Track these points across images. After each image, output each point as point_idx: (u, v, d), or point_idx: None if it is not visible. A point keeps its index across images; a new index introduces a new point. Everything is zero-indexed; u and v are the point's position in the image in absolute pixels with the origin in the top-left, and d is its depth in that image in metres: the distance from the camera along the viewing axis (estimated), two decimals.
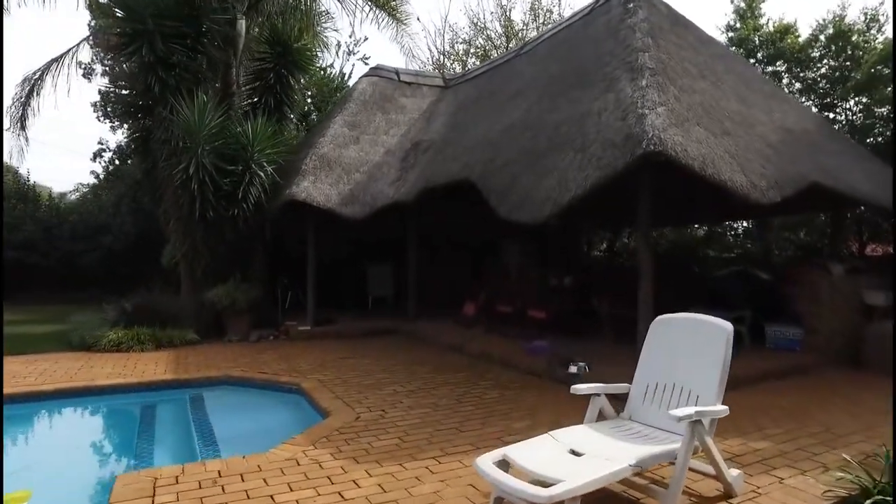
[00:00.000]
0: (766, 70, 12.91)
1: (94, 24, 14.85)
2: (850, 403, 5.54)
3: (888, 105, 10.64)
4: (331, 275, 12.57)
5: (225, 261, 10.27)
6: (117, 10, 9.93)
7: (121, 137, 17.50)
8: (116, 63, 11.77)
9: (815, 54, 12.67)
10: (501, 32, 21.84)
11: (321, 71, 17.14)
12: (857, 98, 11.71)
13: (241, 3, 10.72)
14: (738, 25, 13.91)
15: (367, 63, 18.66)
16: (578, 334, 8.56)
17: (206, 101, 9.63)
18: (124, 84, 11.39)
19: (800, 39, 12.92)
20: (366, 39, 26.32)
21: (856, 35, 11.87)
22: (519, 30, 21.44)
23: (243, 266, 10.62)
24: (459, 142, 9.61)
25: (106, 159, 18.68)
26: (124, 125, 15.22)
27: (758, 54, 13.28)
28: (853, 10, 21.26)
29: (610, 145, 5.97)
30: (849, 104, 12.11)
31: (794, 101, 9.70)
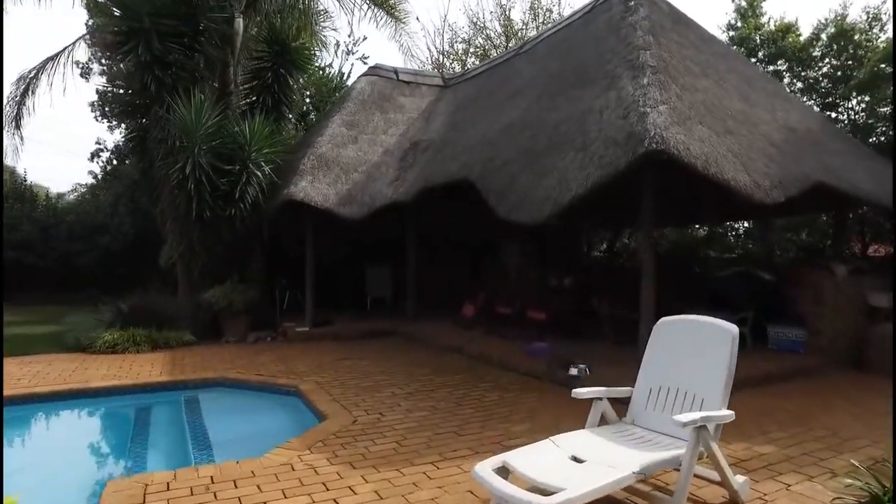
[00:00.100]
0: (768, 69, 12.83)
1: (92, 23, 14.78)
2: (856, 406, 5.46)
3: (890, 104, 10.56)
4: (329, 275, 12.47)
5: (222, 261, 10.19)
6: (114, 9, 9.85)
7: (118, 137, 17.45)
8: (113, 62, 11.68)
9: (817, 53, 12.59)
10: (501, 32, 21.77)
11: (320, 70, 17.06)
12: (860, 97, 11.63)
13: (239, 2, 10.63)
14: (739, 24, 13.84)
15: (366, 62, 18.57)
16: (578, 335, 8.48)
17: (203, 101, 9.54)
18: (121, 83, 11.30)
19: (801, 38, 12.84)
20: (365, 39, 26.29)
21: (858, 34, 11.78)
22: (518, 29, 21.37)
23: (241, 266, 10.55)
24: (458, 141, 9.53)
25: (104, 159, 18.64)
26: (122, 125, 15.19)
27: (759, 53, 13.21)
28: (854, 9, 21.15)
29: (611, 144, 5.88)
30: (851, 103, 12.03)
31: (797, 100, 9.62)
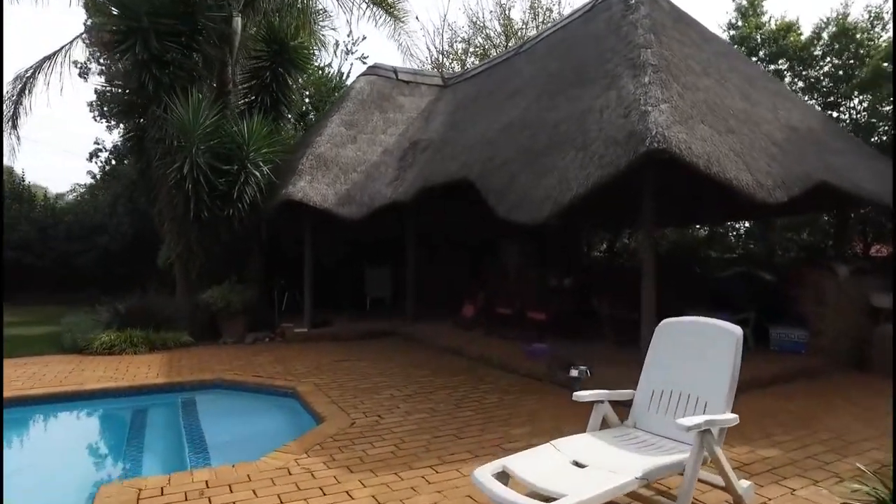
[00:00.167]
0: (768, 68, 12.76)
1: (90, 22, 14.70)
2: (860, 408, 5.39)
3: (892, 103, 10.49)
4: (328, 275, 12.41)
5: (220, 261, 10.13)
6: (112, 8, 9.79)
7: (117, 137, 17.38)
8: (111, 61, 11.61)
9: (818, 52, 12.53)
10: (500, 31, 21.70)
11: (319, 70, 16.98)
12: (862, 96, 11.57)
13: (238, 1, 10.58)
14: (740, 23, 13.77)
15: (366, 62, 18.48)
16: (578, 335, 8.42)
17: (201, 100, 9.48)
18: (119, 83, 11.24)
19: (802, 38, 12.78)
20: (364, 38, 26.23)
21: (859, 33, 11.72)
22: (518, 28, 21.30)
23: (239, 267, 10.49)
24: (458, 141, 9.47)
25: (102, 159, 18.56)
26: (120, 125, 15.12)
27: (760, 52, 13.14)
28: (856, 8, 21.10)
29: (612, 143, 5.81)
30: (853, 102, 11.97)
31: (798, 99, 9.55)
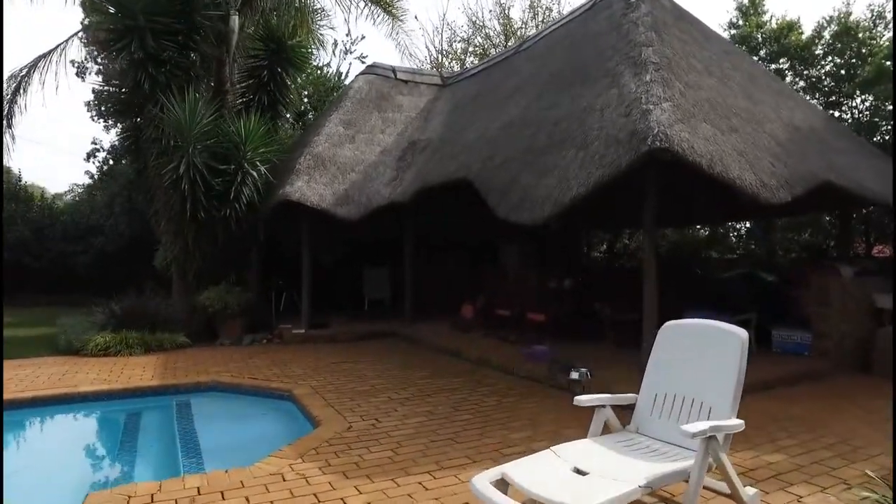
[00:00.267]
0: (769, 68, 12.68)
1: (88, 22, 14.60)
2: (865, 412, 5.30)
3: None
4: (327, 276, 12.32)
5: (217, 262, 10.05)
6: (108, 6, 9.69)
7: (114, 137, 17.27)
8: (108, 60, 11.52)
9: (819, 52, 12.45)
10: (500, 31, 21.61)
11: (318, 70, 16.90)
12: (864, 96, 11.48)
13: (235, 0, 10.49)
14: (741, 22, 13.68)
15: (364, 62, 18.39)
16: (578, 336, 8.34)
17: (198, 99, 9.39)
18: (116, 82, 11.15)
19: (803, 37, 12.69)
20: (363, 38, 26.13)
21: (861, 32, 11.64)
22: (518, 28, 21.20)
23: (237, 267, 10.40)
24: (457, 140, 9.38)
25: (100, 159, 18.45)
26: (118, 124, 15.01)
27: (761, 52, 13.06)
28: (858, 7, 21.02)
29: (613, 142, 5.73)
30: (855, 102, 11.89)
31: (801, 99, 9.46)
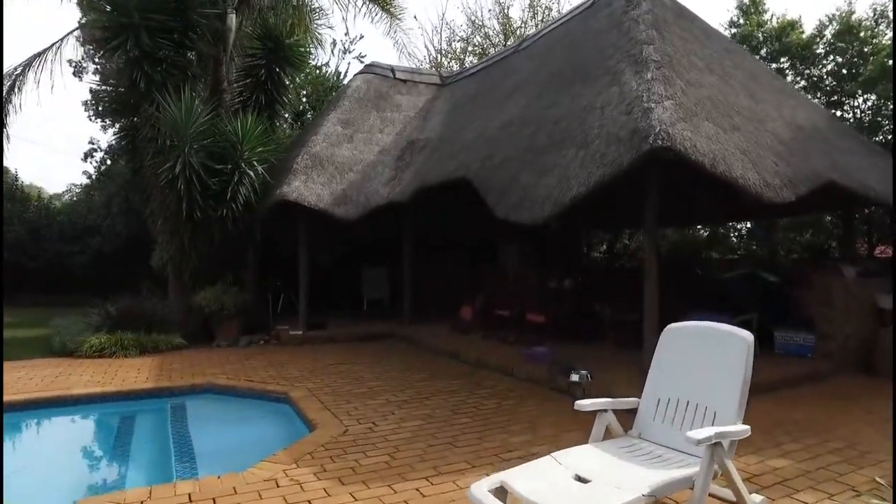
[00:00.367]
0: (770, 67, 12.61)
1: (84, 20, 14.50)
2: (870, 415, 5.21)
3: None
4: (325, 277, 12.23)
5: (214, 262, 9.95)
6: (104, 4, 9.59)
7: (111, 137, 17.16)
8: (102, 58, 11.42)
9: (820, 51, 12.37)
10: (499, 30, 21.53)
11: (316, 69, 16.80)
12: (866, 95, 11.40)
13: None
14: (742, 21, 13.61)
15: (363, 61, 18.30)
16: (578, 337, 8.26)
17: (194, 98, 9.30)
18: (112, 80, 11.05)
19: (804, 36, 12.62)
20: (361, 37, 26.01)
21: (863, 31, 11.56)
22: (517, 27, 21.12)
23: (234, 268, 10.30)
24: (456, 140, 9.30)
25: (97, 159, 18.36)
26: (115, 124, 14.91)
27: (761, 51, 12.98)
28: (860, 6, 20.97)
29: (614, 140, 5.64)
30: (857, 101, 11.81)
31: (804, 97, 9.38)
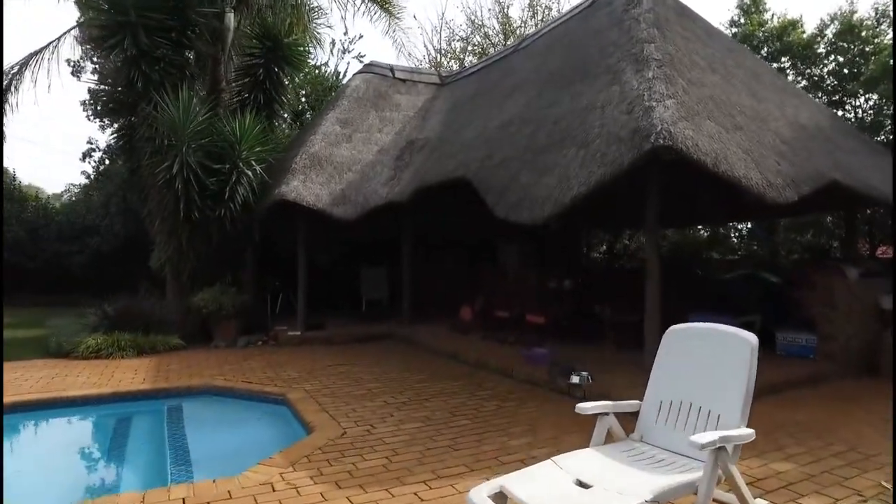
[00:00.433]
0: (771, 67, 12.56)
1: (82, 19, 14.43)
2: (874, 417, 5.15)
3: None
4: (324, 277, 12.17)
5: (212, 263, 9.89)
6: (101, 2, 9.53)
7: (110, 136, 17.07)
8: (100, 57, 11.35)
9: (822, 50, 12.32)
10: (499, 30, 21.47)
11: (315, 69, 16.75)
12: (868, 95, 11.35)
13: None
14: (743, 21, 13.56)
15: (362, 61, 18.22)
16: (578, 337, 8.21)
17: (192, 97, 9.24)
18: (109, 80, 10.98)
19: (804, 35, 12.56)
20: (360, 37, 25.96)
21: (865, 31, 11.51)
22: (517, 27, 21.06)
23: (232, 268, 10.24)
24: (455, 139, 9.25)
25: (96, 159, 18.28)
26: (113, 123, 14.84)
27: (762, 50, 12.93)
28: (862, 5, 20.93)
29: (615, 140, 5.58)
30: (858, 101, 11.75)
31: (806, 97, 9.32)
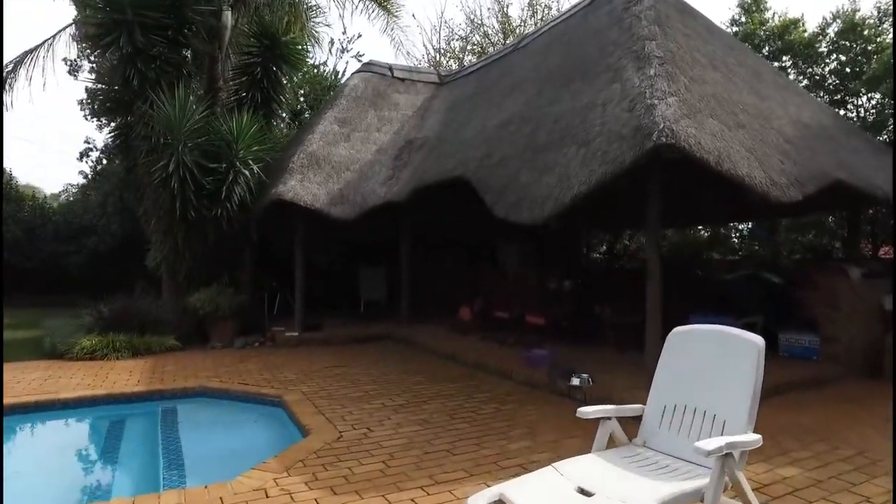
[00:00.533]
0: (772, 65, 12.48)
1: (79, 17, 14.34)
2: (880, 420, 5.06)
3: None
4: (321, 277, 12.07)
5: (209, 263, 9.80)
6: (98, 0, 9.43)
7: (107, 136, 16.97)
8: (96, 56, 11.26)
9: (823, 49, 12.24)
10: (498, 29, 21.38)
11: (314, 69, 16.66)
12: (870, 94, 11.27)
13: None
14: (744, 20, 13.48)
15: (361, 60, 18.14)
16: (578, 338, 8.13)
17: (188, 96, 9.14)
18: (105, 78, 10.89)
19: (806, 34, 12.48)
20: (359, 36, 25.84)
21: (867, 30, 11.43)
22: (517, 26, 20.97)
23: (229, 268, 10.15)
24: (454, 138, 9.16)
25: (93, 159, 18.20)
26: (110, 122, 14.75)
27: (763, 49, 12.85)
28: (865, 5, 20.85)
29: (616, 138, 5.50)
30: (860, 100, 11.67)
31: (808, 95, 9.24)
